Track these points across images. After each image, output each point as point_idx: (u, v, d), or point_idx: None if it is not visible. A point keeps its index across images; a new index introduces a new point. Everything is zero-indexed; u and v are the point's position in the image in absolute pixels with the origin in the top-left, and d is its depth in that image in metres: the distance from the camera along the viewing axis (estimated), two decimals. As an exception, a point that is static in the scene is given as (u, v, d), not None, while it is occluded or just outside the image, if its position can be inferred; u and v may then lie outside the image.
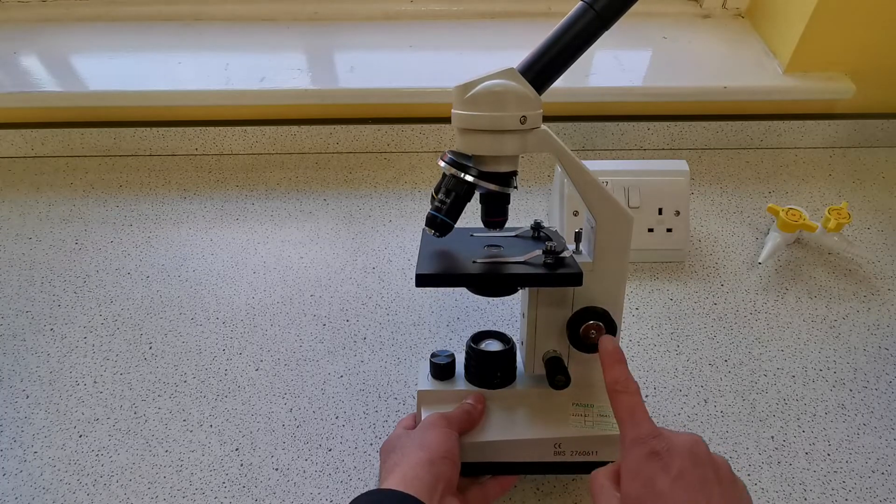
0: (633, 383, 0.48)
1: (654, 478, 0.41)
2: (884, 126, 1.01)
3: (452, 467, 0.51)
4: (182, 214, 0.91)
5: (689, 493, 0.40)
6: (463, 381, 0.59)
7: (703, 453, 0.42)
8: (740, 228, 0.88)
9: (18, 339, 0.75)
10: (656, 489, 0.40)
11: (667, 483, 0.40)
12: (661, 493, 0.40)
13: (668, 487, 0.40)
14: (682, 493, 0.40)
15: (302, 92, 0.94)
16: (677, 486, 0.40)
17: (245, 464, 0.63)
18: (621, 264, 0.53)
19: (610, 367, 0.49)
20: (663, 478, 0.40)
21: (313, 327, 0.76)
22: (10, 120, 1.00)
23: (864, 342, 0.74)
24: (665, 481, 0.40)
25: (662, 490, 0.40)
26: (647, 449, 0.42)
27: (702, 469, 0.41)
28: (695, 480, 0.40)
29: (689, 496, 0.39)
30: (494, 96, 0.47)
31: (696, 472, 0.40)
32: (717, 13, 1.08)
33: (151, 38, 1.05)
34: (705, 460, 0.41)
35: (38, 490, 0.61)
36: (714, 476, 0.41)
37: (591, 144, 1.02)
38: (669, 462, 0.41)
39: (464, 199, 0.51)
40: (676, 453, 0.41)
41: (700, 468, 0.41)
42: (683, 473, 0.40)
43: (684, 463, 0.41)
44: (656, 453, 0.42)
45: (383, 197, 0.94)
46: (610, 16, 0.47)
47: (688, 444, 0.42)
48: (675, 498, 0.40)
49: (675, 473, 0.40)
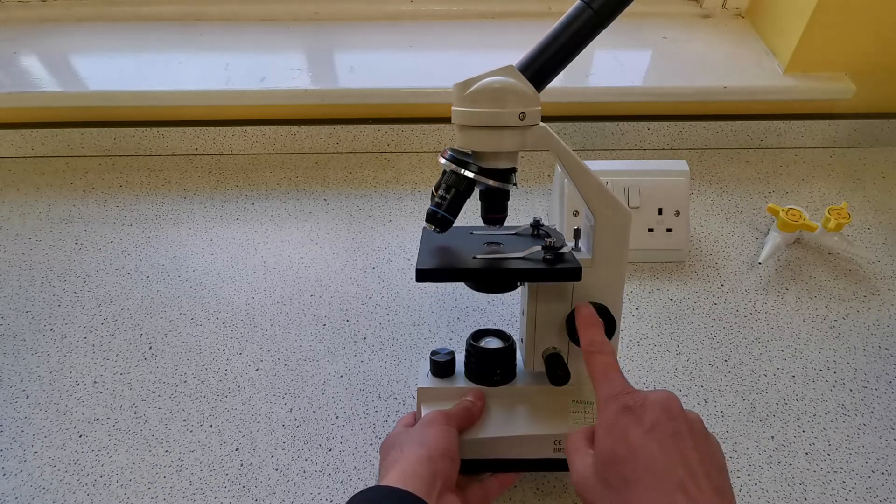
0: (608, 345, 0.49)
1: (626, 431, 0.41)
2: (884, 126, 1.01)
3: (451, 464, 0.51)
4: (182, 214, 0.91)
5: (662, 444, 0.40)
6: (463, 378, 0.59)
7: (676, 408, 0.42)
8: (740, 228, 0.88)
9: (18, 339, 0.75)
10: (629, 442, 0.41)
11: (639, 435, 0.41)
12: (633, 445, 0.40)
13: (640, 439, 0.41)
14: (655, 445, 0.40)
15: (302, 92, 0.94)
16: (650, 438, 0.40)
17: (245, 464, 0.63)
18: (620, 261, 0.53)
19: (585, 329, 0.51)
20: (636, 430, 0.41)
21: (313, 327, 0.76)
22: (10, 120, 1.00)
23: (864, 342, 0.74)
24: (638, 433, 0.41)
25: (635, 442, 0.41)
26: (620, 404, 0.43)
27: (674, 422, 0.41)
28: (667, 432, 0.40)
29: (661, 447, 0.40)
30: (494, 93, 0.47)
31: (668, 424, 0.41)
32: (717, 13, 1.09)
33: (151, 38, 1.05)
34: (678, 414, 0.42)
35: (38, 490, 0.61)
36: (687, 429, 0.41)
37: (591, 144, 1.02)
38: (642, 415, 0.42)
39: (464, 195, 0.51)
40: (649, 407, 0.42)
41: (673, 421, 0.41)
42: (656, 426, 0.41)
43: (657, 416, 0.41)
44: (629, 408, 0.42)
45: (383, 197, 0.94)
46: (607, 14, 0.47)
47: (661, 399, 0.42)
48: (647, 449, 0.40)
49: (648, 426, 0.41)
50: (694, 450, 0.40)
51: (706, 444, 0.41)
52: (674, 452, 0.40)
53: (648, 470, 0.39)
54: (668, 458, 0.39)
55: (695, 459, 0.40)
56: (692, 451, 0.40)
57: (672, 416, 0.41)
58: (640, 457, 0.40)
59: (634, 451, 0.40)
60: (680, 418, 0.41)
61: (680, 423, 0.41)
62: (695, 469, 0.39)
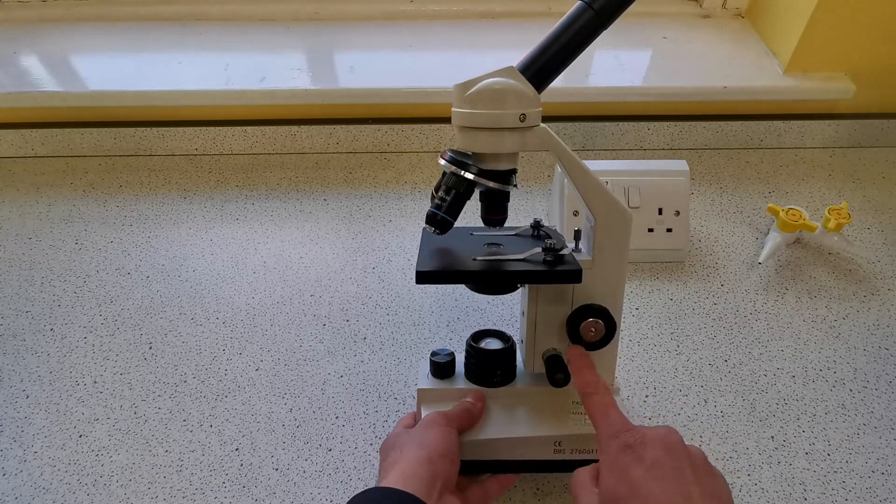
0: (603, 384, 0.49)
1: (628, 469, 0.41)
2: (884, 126, 1.01)
3: (451, 465, 0.51)
4: (182, 214, 0.91)
5: (663, 481, 0.40)
6: (463, 379, 0.59)
7: (677, 443, 0.42)
8: (740, 228, 0.88)
9: (18, 339, 0.75)
10: (631, 480, 0.40)
11: (640, 473, 0.40)
12: (635, 484, 0.40)
13: (641, 477, 0.40)
14: (656, 482, 0.40)
15: (302, 92, 0.94)
16: (651, 476, 0.40)
17: (245, 464, 0.63)
18: (620, 262, 0.53)
19: (579, 372, 0.51)
20: (637, 469, 0.41)
21: (313, 327, 0.76)
22: (10, 120, 1.00)
23: (864, 342, 0.74)
24: (639, 472, 0.41)
25: (636, 480, 0.40)
26: (621, 442, 0.43)
27: (675, 458, 0.41)
28: (668, 468, 0.40)
29: (662, 485, 0.40)
30: (494, 94, 0.47)
31: (669, 460, 0.41)
32: (717, 13, 1.09)
33: (151, 38, 1.05)
34: (679, 449, 0.41)
35: (38, 490, 0.61)
36: (688, 464, 0.41)
37: (591, 144, 1.02)
38: (643, 453, 0.41)
39: (464, 196, 0.51)
40: (649, 444, 0.42)
41: (673, 457, 0.41)
42: (656, 463, 0.41)
43: (657, 453, 0.41)
44: (629, 445, 0.42)
45: (383, 197, 0.94)
46: (608, 14, 0.47)
47: (661, 435, 0.42)
48: (649, 487, 0.40)
49: (649, 463, 0.41)
50: (696, 484, 0.40)
51: (709, 478, 0.41)
52: (674, 489, 0.39)
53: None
54: (669, 495, 0.39)
55: (696, 494, 0.39)
56: (694, 486, 0.40)
57: (672, 452, 0.41)
58: (642, 495, 0.40)
59: (636, 489, 0.40)
60: (681, 453, 0.41)
61: (681, 458, 0.41)
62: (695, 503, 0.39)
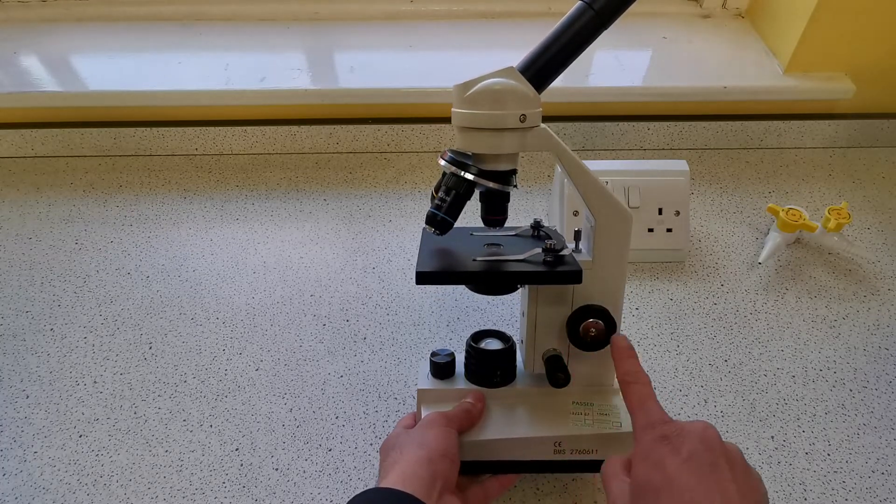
0: (644, 375, 0.48)
1: (663, 460, 0.41)
2: (884, 126, 1.01)
3: (451, 465, 0.51)
4: (182, 214, 0.91)
5: (698, 474, 0.39)
6: (463, 379, 0.59)
7: (714, 438, 0.41)
8: (740, 228, 0.88)
9: (18, 339, 0.75)
10: (666, 471, 0.40)
11: (676, 464, 0.40)
12: (670, 476, 0.40)
13: (676, 469, 0.40)
14: (691, 475, 0.39)
15: (302, 92, 0.94)
16: (686, 469, 0.40)
17: (245, 464, 0.63)
18: (621, 263, 0.53)
19: (621, 360, 0.50)
20: (673, 460, 0.40)
21: (313, 327, 0.76)
22: (10, 120, 1.00)
23: (864, 342, 0.74)
24: (674, 463, 0.40)
25: (671, 471, 0.40)
26: (658, 433, 0.42)
27: (712, 453, 0.40)
28: (704, 463, 0.40)
29: (698, 478, 0.39)
30: (494, 95, 0.47)
31: (706, 455, 0.40)
32: (717, 13, 1.09)
33: (151, 38, 1.05)
34: (716, 445, 0.41)
35: (38, 490, 0.61)
36: (725, 461, 0.40)
37: (591, 144, 1.02)
38: (679, 445, 0.41)
39: (464, 197, 0.51)
40: (687, 437, 0.41)
41: (711, 452, 0.40)
42: (693, 456, 0.40)
43: (695, 446, 0.40)
44: (666, 437, 0.42)
45: (383, 197, 0.94)
46: (608, 14, 0.47)
47: (699, 429, 0.42)
48: (683, 478, 0.39)
49: (685, 456, 0.40)
50: (732, 482, 0.39)
51: (745, 476, 0.41)
52: (711, 483, 0.39)
53: (684, 500, 0.39)
54: (705, 489, 0.39)
55: (733, 490, 0.39)
56: (730, 483, 0.39)
57: (710, 447, 0.41)
58: (676, 486, 0.39)
59: (670, 480, 0.40)
60: (718, 450, 0.41)
61: (718, 454, 0.40)
62: (732, 500, 0.38)
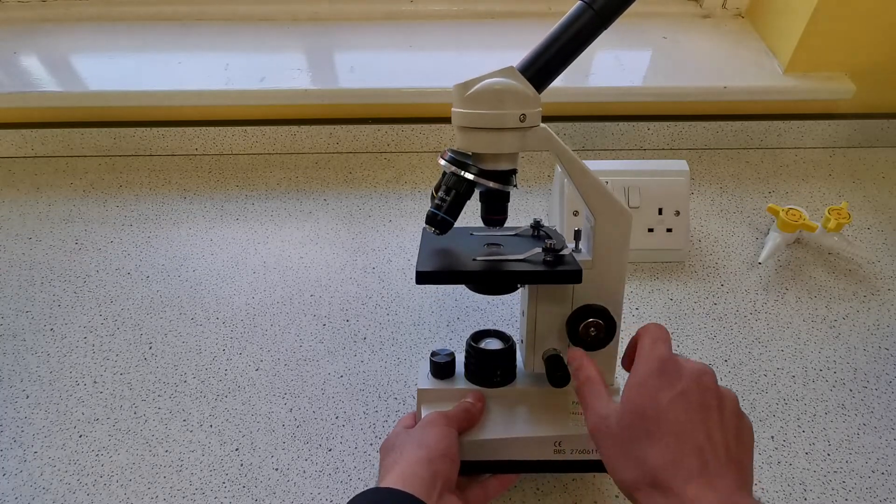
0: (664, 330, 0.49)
1: (657, 391, 0.43)
2: (884, 126, 1.01)
3: (451, 465, 0.51)
4: (182, 214, 0.91)
5: (688, 411, 0.41)
6: (463, 379, 0.59)
7: (709, 383, 0.43)
8: (740, 228, 0.88)
9: (18, 339, 0.75)
10: (658, 402, 0.42)
11: (669, 397, 0.42)
12: (661, 406, 0.42)
13: (669, 402, 0.42)
14: (681, 412, 0.41)
15: (302, 92, 0.94)
16: (677, 402, 0.42)
17: (245, 464, 0.63)
18: (620, 262, 0.53)
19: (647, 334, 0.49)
20: (666, 393, 0.42)
21: (313, 327, 0.76)
22: (10, 120, 1.00)
23: (864, 342, 0.74)
24: (668, 396, 0.42)
25: (663, 403, 0.42)
26: (658, 366, 0.44)
27: (704, 394, 0.42)
28: (695, 402, 0.42)
29: (687, 414, 0.41)
30: (494, 94, 0.47)
31: (697, 395, 0.42)
32: (717, 13, 1.09)
33: (151, 38, 1.05)
34: (710, 388, 0.43)
35: (38, 490, 0.61)
36: (716, 405, 0.42)
37: (591, 144, 1.02)
38: (675, 381, 0.43)
39: (464, 196, 0.51)
40: (684, 375, 0.43)
41: (703, 393, 0.42)
42: (686, 393, 0.42)
43: (689, 384, 0.42)
44: (664, 371, 0.44)
45: (383, 197, 0.94)
46: (608, 14, 0.47)
47: (696, 370, 0.43)
48: (673, 413, 0.42)
49: (679, 391, 0.42)
50: (719, 424, 0.41)
51: (735, 421, 0.42)
52: (697, 422, 0.41)
53: (671, 431, 0.41)
54: (692, 426, 0.41)
55: (718, 432, 0.41)
56: (716, 425, 0.41)
57: (703, 388, 0.42)
58: (666, 417, 0.41)
59: (662, 411, 0.42)
60: (710, 392, 0.43)
61: (710, 397, 0.42)
62: (716, 440, 0.41)
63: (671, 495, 0.39)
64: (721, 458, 0.40)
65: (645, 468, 0.41)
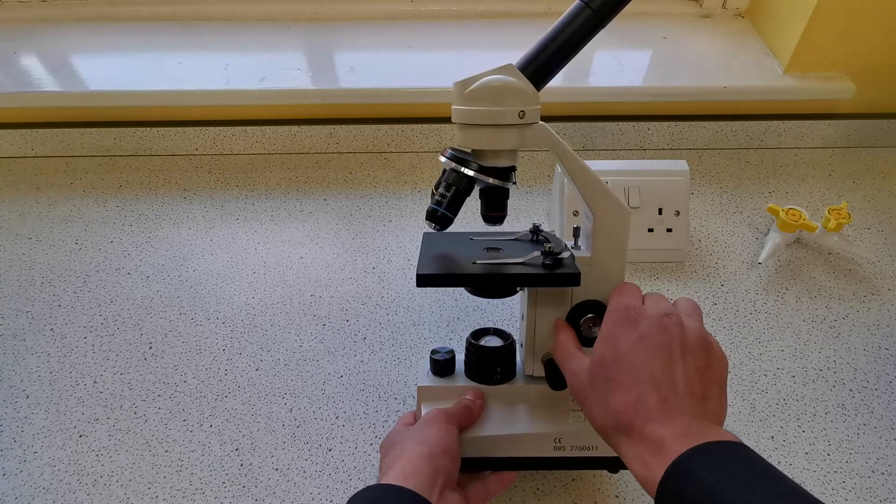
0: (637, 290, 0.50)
1: (618, 339, 0.45)
2: (884, 126, 1.01)
3: (452, 462, 0.51)
4: (182, 214, 0.91)
5: (646, 353, 0.43)
6: (463, 377, 0.59)
7: (670, 325, 0.44)
8: (740, 228, 0.88)
9: (18, 339, 0.75)
10: (617, 348, 0.44)
11: (628, 343, 0.44)
12: (621, 352, 0.44)
13: (627, 347, 0.44)
14: (640, 355, 0.43)
15: (302, 92, 0.94)
16: (636, 346, 0.44)
17: (245, 464, 0.63)
18: (620, 259, 0.53)
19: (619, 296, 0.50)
20: (626, 339, 0.44)
21: (313, 327, 0.76)
22: (10, 120, 1.00)
23: (864, 342, 0.74)
24: (627, 342, 0.44)
25: (622, 348, 0.44)
26: (621, 315, 0.46)
27: (665, 336, 0.44)
28: (654, 343, 0.43)
29: (644, 355, 0.43)
30: (493, 91, 0.48)
31: (658, 337, 0.44)
32: (717, 13, 1.09)
33: (151, 38, 1.05)
34: (671, 329, 0.44)
35: (38, 490, 0.61)
36: (678, 344, 0.43)
37: (591, 144, 1.02)
38: (636, 326, 0.45)
39: (464, 193, 0.51)
40: (645, 319, 0.45)
41: (664, 335, 0.44)
42: (645, 336, 0.44)
43: (650, 329, 0.44)
44: (628, 319, 0.46)
45: (383, 197, 0.94)
46: (606, 13, 0.47)
47: (657, 315, 0.45)
48: (631, 357, 0.43)
49: (637, 336, 0.44)
50: (680, 361, 0.43)
51: (700, 357, 0.43)
52: (655, 360, 0.43)
53: (630, 375, 0.43)
54: (650, 366, 0.43)
55: (678, 369, 0.42)
56: (677, 363, 0.43)
57: (664, 330, 0.44)
58: (625, 361, 0.44)
59: (621, 356, 0.44)
60: (672, 333, 0.44)
61: (672, 335, 0.43)
62: (676, 378, 0.42)
63: (633, 436, 0.41)
64: (681, 394, 0.41)
65: (610, 413, 0.43)
